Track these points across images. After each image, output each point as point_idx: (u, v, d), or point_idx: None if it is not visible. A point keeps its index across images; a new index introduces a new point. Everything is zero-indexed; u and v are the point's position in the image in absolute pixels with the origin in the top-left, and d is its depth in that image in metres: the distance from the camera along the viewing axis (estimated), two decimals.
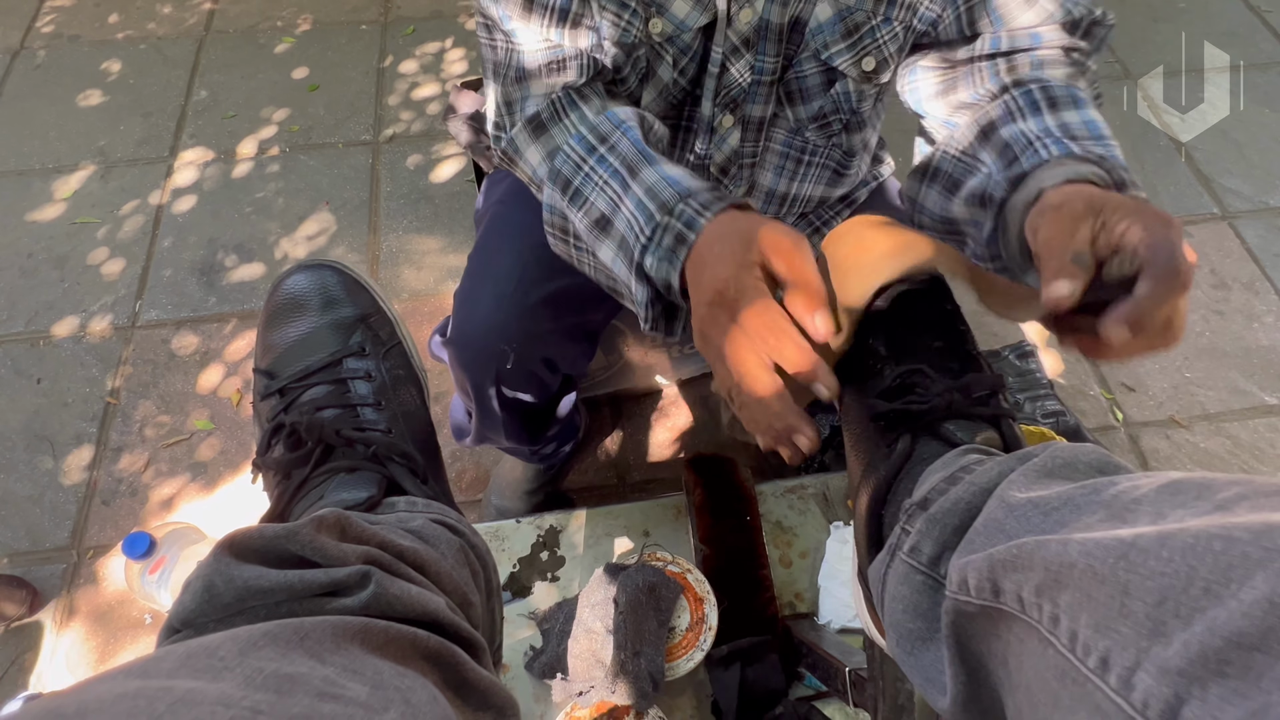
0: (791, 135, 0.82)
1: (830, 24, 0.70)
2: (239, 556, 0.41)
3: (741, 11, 0.69)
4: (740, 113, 0.78)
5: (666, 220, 0.56)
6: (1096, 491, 0.35)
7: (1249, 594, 0.24)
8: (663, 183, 0.58)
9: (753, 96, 0.77)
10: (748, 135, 0.81)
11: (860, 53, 0.72)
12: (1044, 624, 0.31)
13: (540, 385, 0.95)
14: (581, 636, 0.81)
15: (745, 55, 0.73)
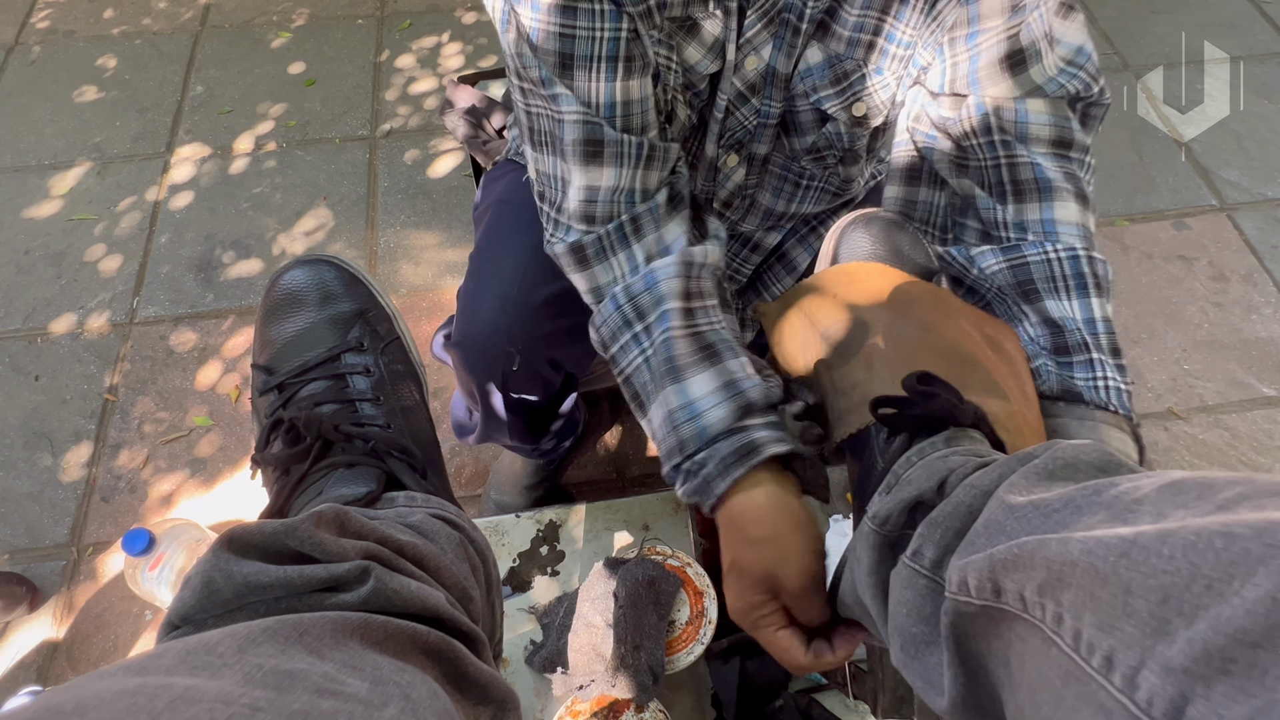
0: (789, 161, 0.82)
1: (819, 69, 0.70)
2: (238, 552, 0.41)
3: (747, 60, 0.69)
4: (745, 152, 0.79)
5: (688, 464, 0.59)
6: (1098, 492, 0.35)
7: (1252, 591, 0.23)
8: (684, 412, 0.59)
9: (758, 137, 0.77)
10: (751, 170, 0.81)
11: (849, 99, 0.72)
12: (1047, 623, 0.31)
13: (544, 385, 0.95)
14: (581, 630, 0.81)
15: (751, 100, 0.73)
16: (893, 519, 0.48)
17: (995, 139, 0.64)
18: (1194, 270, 1.66)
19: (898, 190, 0.72)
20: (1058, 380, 0.58)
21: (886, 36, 0.66)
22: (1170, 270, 1.66)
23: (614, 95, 0.64)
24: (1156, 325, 1.58)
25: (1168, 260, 1.68)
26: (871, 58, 0.68)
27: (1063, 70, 0.62)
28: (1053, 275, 0.60)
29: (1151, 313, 1.60)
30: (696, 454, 0.58)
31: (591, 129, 0.63)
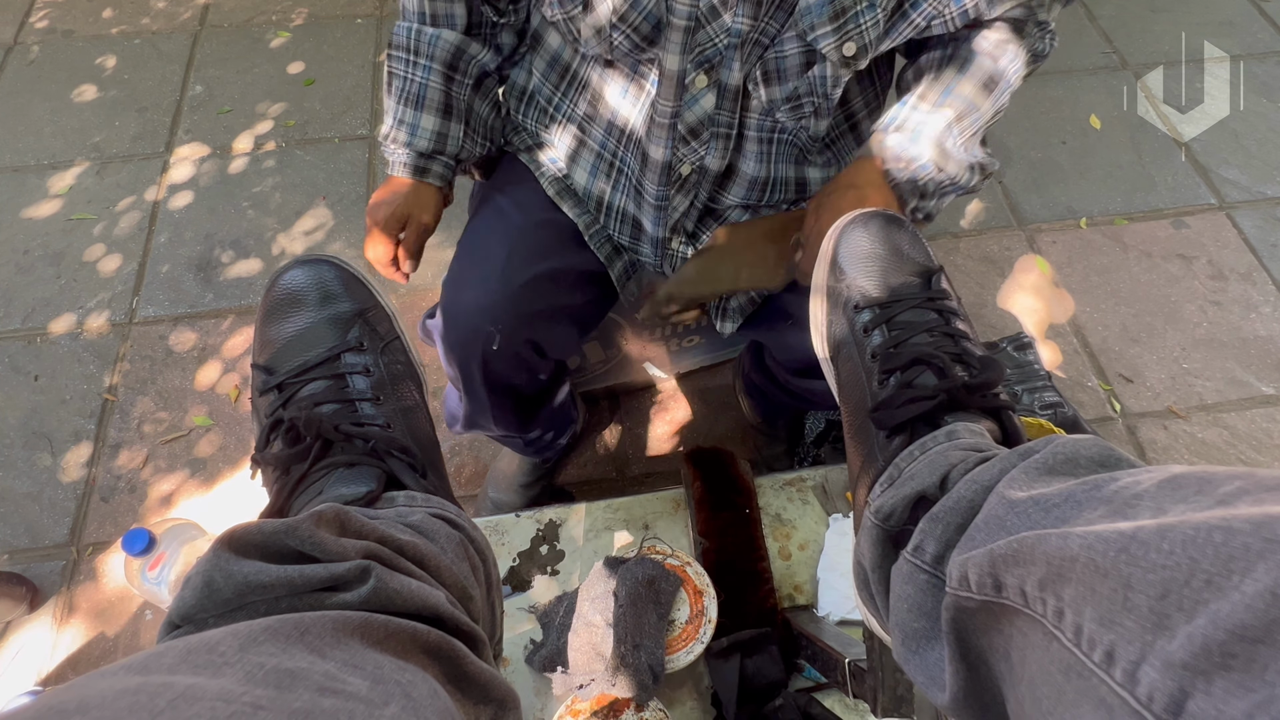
0: (763, 118, 0.83)
1: (819, 6, 0.71)
2: (238, 552, 0.41)
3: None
4: (715, 76, 0.79)
5: (389, 147, 0.90)
6: (1097, 488, 0.35)
7: (1251, 586, 0.24)
8: (406, 128, 0.88)
9: (729, 61, 0.77)
10: (723, 103, 0.81)
11: (843, 36, 0.73)
12: (1048, 618, 0.31)
13: (527, 369, 0.96)
14: (581, 630, 0.81)
15: (722, 15, 0.73)
16: (896, 514, 0.48)
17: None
18: (1193, 269, 1.66)
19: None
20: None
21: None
22: (1169, 269, 1.66)
23: None
24: (1156, 324, 1.58)
25: (1167, 259, 1.68)
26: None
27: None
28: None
29: (1151, 311, 1.60)
30: (392, 144, 0.89)
31: None
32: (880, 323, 0.57)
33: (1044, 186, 1.80)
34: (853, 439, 0.58)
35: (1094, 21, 2.13)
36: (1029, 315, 1.60)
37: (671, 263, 0.95)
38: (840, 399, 0.61)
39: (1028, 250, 1.69)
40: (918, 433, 0.52)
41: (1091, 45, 2.07)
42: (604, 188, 0.93)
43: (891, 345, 0.56)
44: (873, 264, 0.60)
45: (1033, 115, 1.93)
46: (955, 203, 1.76)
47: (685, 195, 0.89)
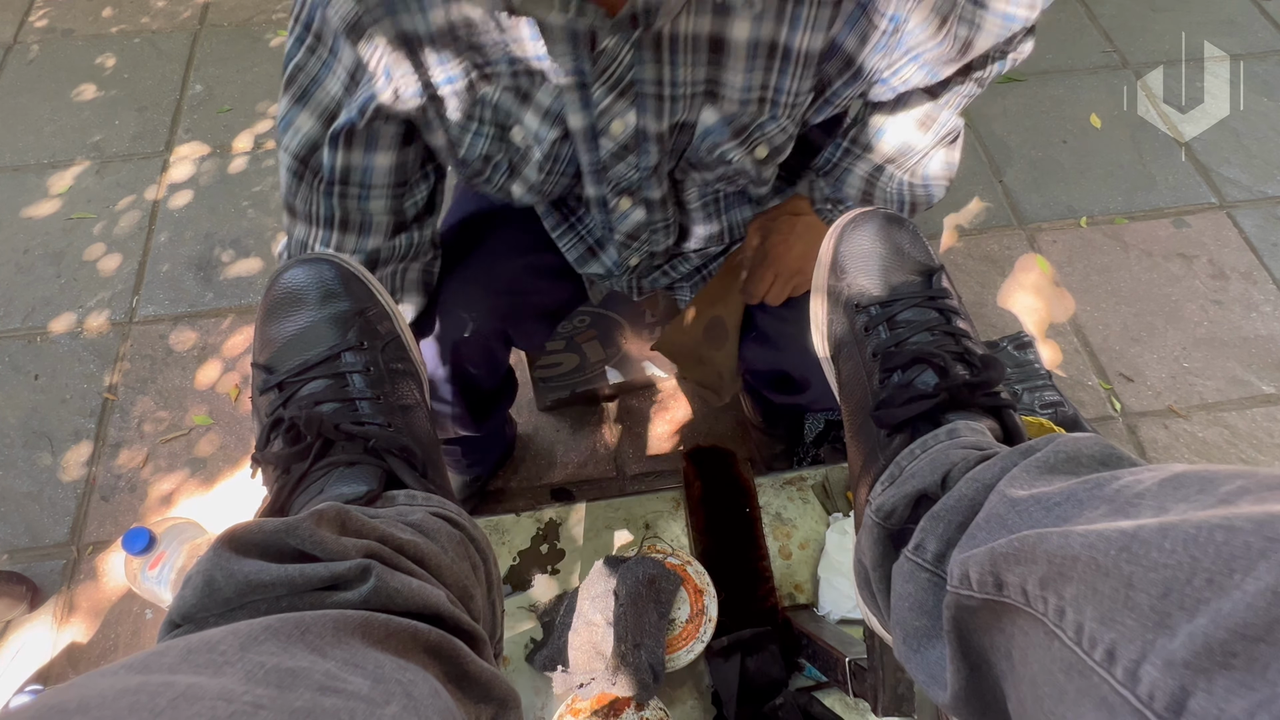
0: (704, 189, 0.83)
1: (718, 128, 0.70)
2: (239, 551, 0.41)
3: (613, 124, 0.68)
4: (639, 196, 0.78)
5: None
6: (1099, 486, 0.35)
7: (1252, 585, 0.23)
8: None
9: (647, 186, 0.77)
10: (654, 211, 0.81)
11: (750, 146, 0.72)
12: (1049, 617, 0.31)
13: (490, 363, 0.98)
14: (582, 629, 0.81)
15: (628, 157, 0.73)
16: (897, 513, 0.48)
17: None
18: (1194, 268, 1.66)
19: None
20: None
21: (776, 90, 0.66)
22: (1170, 268, 1.66)
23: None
24: (1156, 323, 1.58)
25: (1167, 258, 1.68)
26: (765, 109, 0.68)
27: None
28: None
29: (1151, 311, 1.60)
30: None
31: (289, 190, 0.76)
32: (881, 321, 0.57)
33: (1044, 185, 1.80)
34: (854, 437, 0.58)
35: (1094, 21, 2.13)
36: (1029, 314, 1.60)
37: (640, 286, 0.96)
38: (841, 398, 0.61)
39: (1028, 249, 1.69)
40: (919, 431, 0.52)
41: (1092, 44, 2.07)
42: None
43: (892, 344, 0.56)
44: (873, 262, 0.60)
45: (1033, 114, 1.92)
46: (955, 202, 1.76)
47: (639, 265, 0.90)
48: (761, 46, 0.62)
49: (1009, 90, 1.98)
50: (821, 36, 0.61)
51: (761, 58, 0.63)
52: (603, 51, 0.62)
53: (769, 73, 0.64)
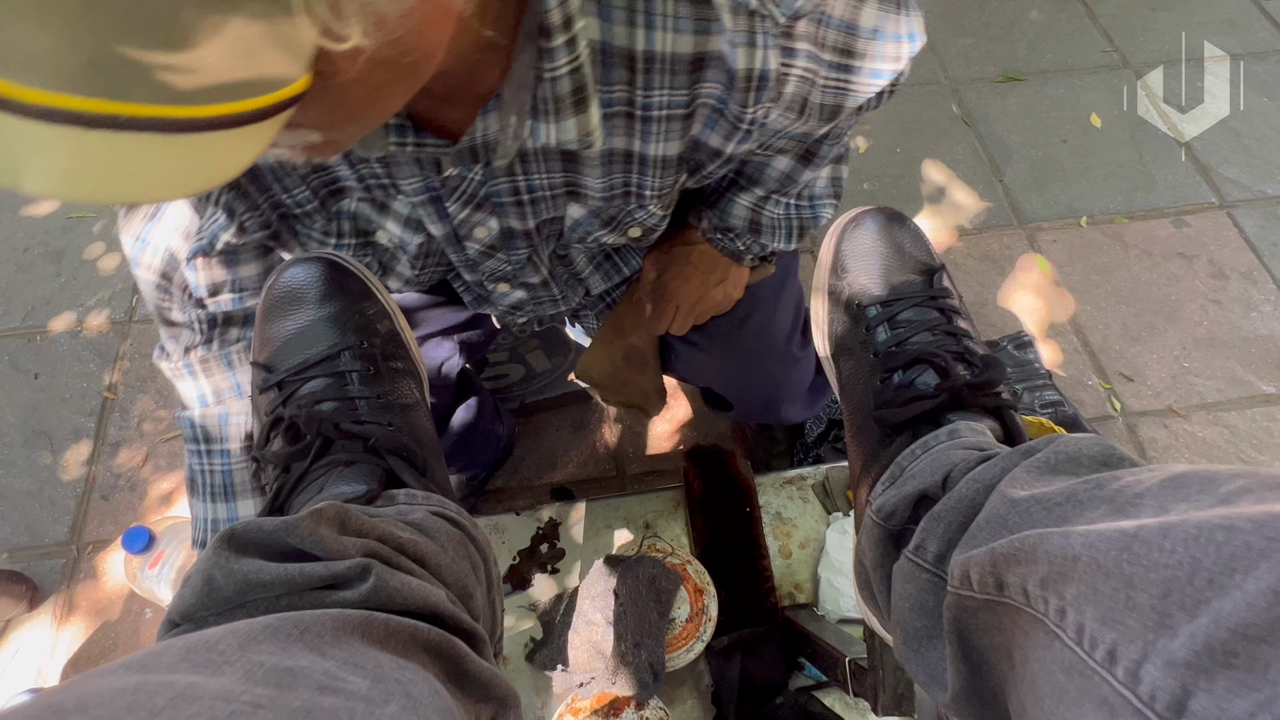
0: (592, 254, 0.83)
1: (586, 220, 0.68)
2: (238, 550, 0.41)
3: (475, 230, 0.67)
4: (517, 281, 0.77)
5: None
6: (1099, 486, 0.35)
7: (1253, 585, 0.23)
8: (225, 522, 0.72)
9: (523, 273, 0.76)
10: (536, 290, 0.80)
11: (623, 230, 0.70)
12: (1050, 617, 0.31)
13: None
14: (582, 628, 0.81)
15: (497, 254, 0.71)
16: (898, 513, 0.48)
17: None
18: (1194, 268, 1.66)
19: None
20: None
21: (639, 186, 0.63)
22: (1170, 268, 1.66)
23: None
24: (1156, 323, 1.58)
25: (1167, 258, 1.68)
26: (631, 201, 0.65)
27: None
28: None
29: (1151, 310, 1.60)
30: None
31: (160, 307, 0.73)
32: (882, 321, 0.57)
33: (1044, 185, 1.80)
34: (854, 437, 0.58)
35: (1094, 20, 2.13)
36: (1029, 314, 1.60)
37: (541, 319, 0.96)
38: (841, 397, 0.61)
39: (1028, 249, 1.69)
40: (919, 431, 0.52)
41: (1092, 44, 2.07)
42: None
43: (893, 344, 0.56)
44: (874, 262, 0.60)
45: (1033, 114, 1.92)
46: (955, 202, 1.76)
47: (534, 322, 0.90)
48: (616, 155, 0.59)
49: (1009, 90, 1.98)
50: (677, 144, 0.58)
51: (618, 163, 0.60)
52: (450, 174, 0.60)
53: (629, 174, 0.62)
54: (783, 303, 0.90)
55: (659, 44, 0.50)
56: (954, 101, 1.96)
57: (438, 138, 0.55)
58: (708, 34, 0.50)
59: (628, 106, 0.54)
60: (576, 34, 0.47)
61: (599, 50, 0.50)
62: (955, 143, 1.87)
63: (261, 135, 0.31)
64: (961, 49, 2.07)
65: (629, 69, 0.51)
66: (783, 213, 0.77)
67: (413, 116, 0.54)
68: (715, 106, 0.55)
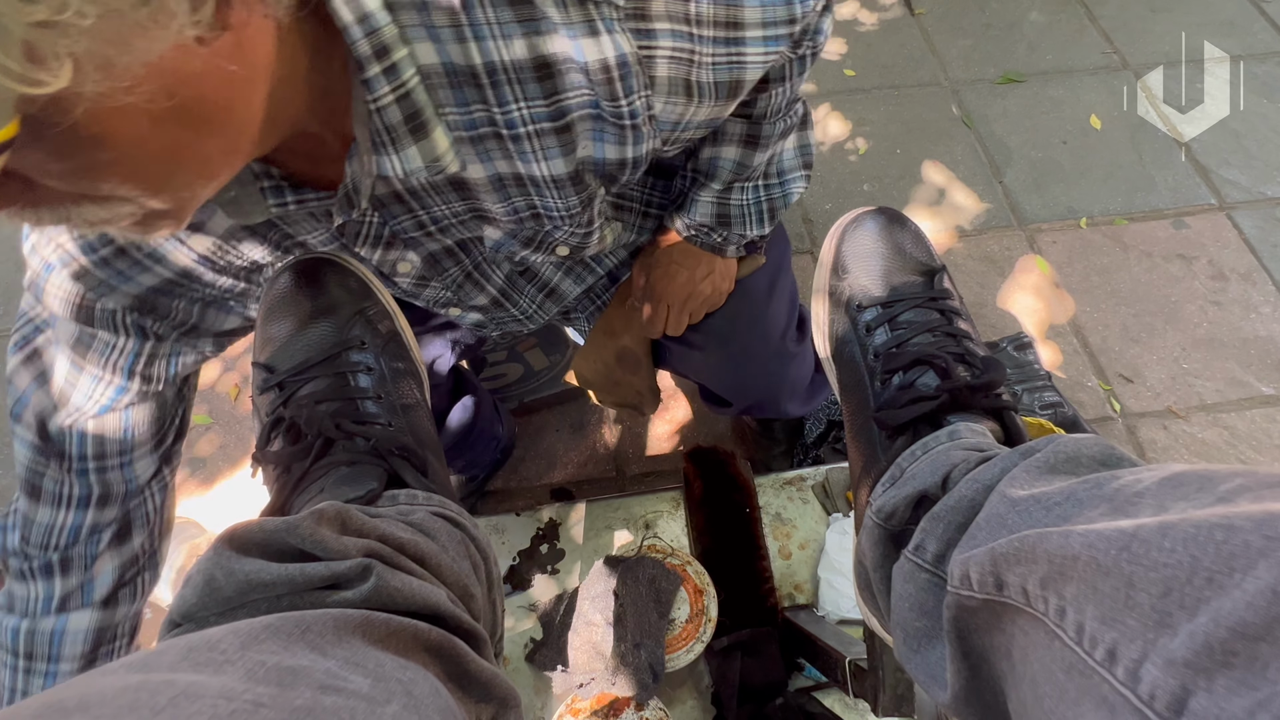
0: (560, 261, 0.82)
1: (505, 241, 0.67)
2: (239, 550, 0.41)
3: (399, 266, 0.66)
4: (466, 304, 0.77)
5: None
6: (1099, 486, 0.35)
7: (1252, 584, 0.24)
8: None
9: (467, 297, 0.75)
10: (491, 310, 0.79)
11: (549, 249, 0.69)
12: (1050, 616, 0.31)
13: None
14: (582, 629, 0.81)
15: (430, 283, 0.71)
16: (898, 514, 0.48)
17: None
18: (1193, 269, 1.66)
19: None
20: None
21: (545, 208, 0.62)
22: (1169, 269, 1.66)
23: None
24: (1156, 324, 1.58)
25: (1167, 259, 1.68)
26: (543, 223, 0.64)
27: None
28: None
29: (1151, 311, 1.60)
30: None
31: (34, 472, 0.66)
32: (883, 322, 0.57)
33: (1044, 186, 1.80)
34: (854, 438, 0.58)
35: (1094, 21, 2.13)
36: (1029, 315, 1.60)
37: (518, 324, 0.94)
38: (842, 398, 0.61)
39: (1028, 250, 1.69)
40: (920, 432, 0.52)
41: (1092, 45, 2.07)
42: None
43: (894, 345, 0.56)
44: (875, 263, 0.60)
45: (1033, 115, 1.93)
46: (955, 203, 1.76)
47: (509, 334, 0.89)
48: (506, 179, 0.58)
49: (1009, 91, 1.98)
50: (561, 162, 0.56)
51: (511, 187, 0.59)
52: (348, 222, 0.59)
53: (528, 196, 0.60)
54: (776, 298, 0.90)
55: (494, 54, 0.48)
56: (954, 103, 1.96)
57: (318, 191, 0.54)
58: (539, 33, 0.48)
59: (492, 126, 0.52)
60: (397, 61, 0.46)
61: (442, 73, 0.48)
62: (955, 144, 1.87)
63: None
64: (961, 50, 2.07)
65: (476, 86, 0.50)
66: (751, 198, 0.77)
67: (289, 176, 0.54)
68: (592, 114, 0.53)
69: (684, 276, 0.82)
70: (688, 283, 0.82)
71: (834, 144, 1.89)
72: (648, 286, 0.84)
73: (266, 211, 0.54)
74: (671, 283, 0.82)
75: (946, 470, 0.46)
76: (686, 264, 0.82)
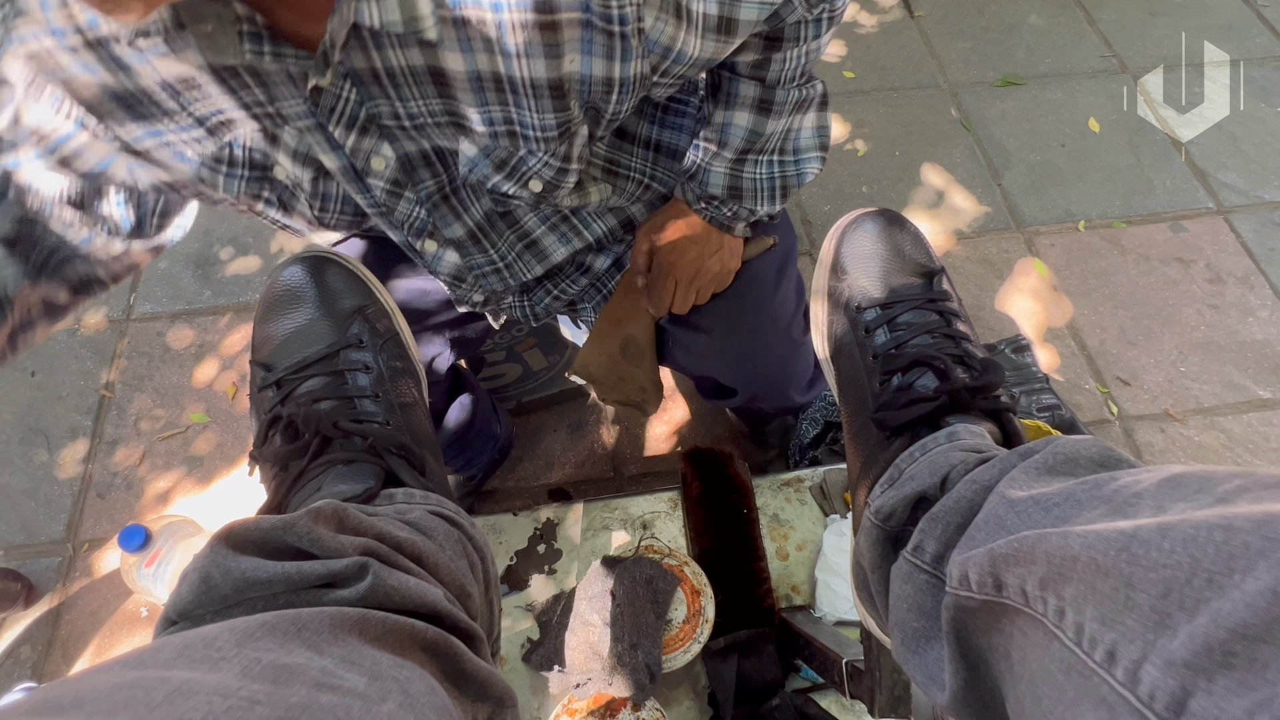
0: (538, 210, 0.79)
1: (479, 160, 0.66)
2: (236, 548, 0.41)
3: (372, 161, 0.65)
4: (441, 237, 0.75)
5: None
6: (1098, 487, 0.35)
7: (1252, 584, 0.23)
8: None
9: (442, 222, 0.73)
10: (469, 251, 0.78)
11: (521, 181, 0.68)
12: (1049, 617, 0.31)
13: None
14: (579, 629, 0.81)
15: (405, 193, 0.69)
16: (896, 514, 0.48)
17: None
18: (1191, 273, 1.66)
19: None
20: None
21: (521, 124, 0.61)
22: (1167, 272, 1.67)
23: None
24: (1153, 327, 1.58)
25: (1165, 262, 1.68)
26: (519, 144, 0.64)
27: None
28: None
29: (1148, 314, 1.60)
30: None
31: None
32: (882, 323, 0.57)
33: (1042, 189, 1.80)
34: (853, 439, 0.58)
35: (1093, 25, 2.13)
36: (1027, 317, 1.60)
37: (513, 315, 0.94)
38: (840, 399, 0.61)
39: (1026, 253, 1.70)
40: (918, 434, 0.52)
41: (1091, 48, 2.07)
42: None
43: (893, 346, 0.56)
44: (874, 264, 0.60)
45: (1032, 118, 1.93)
46: (953, 206, 1.76)
47: (496, 305, 0.88)
48: (485, 78, 0.58)
49: (1008, 94, 1.98)
50: (543, 65, 0.56)
51: (490, 90, 0.58)
52: (323, 91, 0.58)
53: (505, 106, 0.60)
54: (784, 284, 0.89)
55: None
56: (953, 105, 1.96)
57: (298, 50, 0.54)
58: None
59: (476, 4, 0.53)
60: None
61: None
62: (954, 146, 1.87)
63: None
64: (961, 53, 2.07)
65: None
66: (764, 173, 0.77)
67: (271, 28, 0.54)
68: (581, 19, 0.54)
69: (693, 253, 0.82)
70: (696, 259, 0.82)
71: (833, 146, 1.89)
72: (656, 263, 0.83)
73: (241, 55, 0.54)
74: (681, 258, 0.82)
75: (945, 471, 0.46)
76: (695, 240, 0.81)
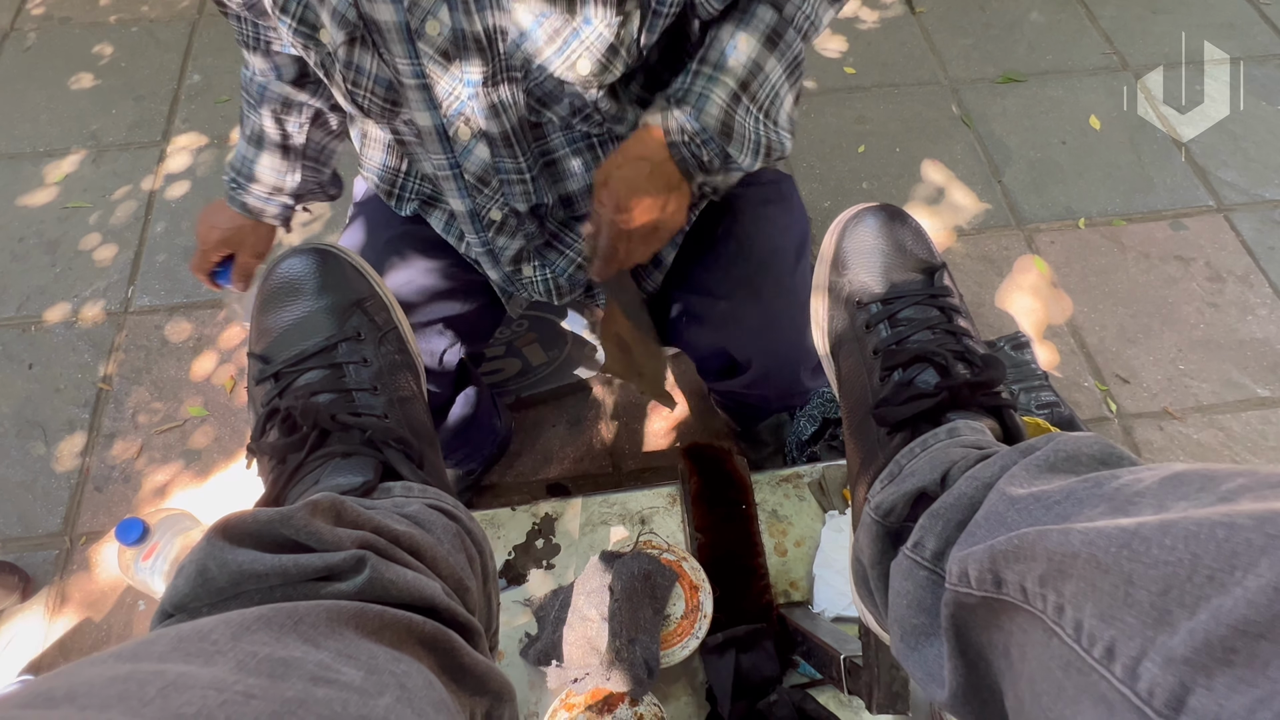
0: (567, 133, 0.79)
1: (532, 30, 0.66)
2: (233, 541, 0.41)
3: (427, 24, 0.66)
4: (474, 126, 0.75)
5: (231, 178, 0.97)
6: (1099, 484, 0.35)
7: (1253, 581, 0.23)
8: (246, 162, 0.95)
9: (480, 111, 0.73)
10: (499, 150, 0.77)
11: (569, 58, 0.68)
12: (1048, 614, 0.31)
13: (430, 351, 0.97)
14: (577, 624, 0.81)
15: (450, 68, 0.69)
16: (896, 510, 0.48)
17: None
18: (1190, 271, 1.66)
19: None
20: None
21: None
22: (1167, 270, 1.66)
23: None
24: (1153, 325, 1.58)
25: (1164, 260, 1.68)
26: (576, 10, 0.65)
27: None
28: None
29: (1148, 312, 1.60)
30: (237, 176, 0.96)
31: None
32: (882, 319, 0.57)
33: (1043, 187, 1.80)
34: (853, 435, 0.57)
35: (1094, 22, 2.13)
36: (1026, 315, 1.60)
37: (535, 289, 0.92)
38: (840, 395, 0.61)
39: (1026, 250, 1.70)
40: (919, 430, 0.52)
41: (1092, 46, 2.07)
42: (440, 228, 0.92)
43: (893, 342, 0.56)
44: (875, 259, 0.60)
45: (1032, 115, 1.93)
46: (953, 202, 1.76)
47: (510, 237, 0.86)
48: None
49: (1009, 91, 1.98)
50: None
51: None
52: None
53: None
54: (803, 261, 0.91)
55: None
56: (953, 102, 1.96)
57: None
58: None
59: None
60: None
61: None
62: (954, 143, 1.87)
63: None
64: (962, 49, 2.07)
65: None
66: (753, 126, 0.76)
67: None
68: None
69: (649, 200, 0.76)
70: (651, 208, 0.76)
71: (833, 142, 1.89)
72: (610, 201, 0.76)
73: None
74: (640, 203, 0.75)
75: (946, 467, 0.46)
76: (655, 185, 0.75)
